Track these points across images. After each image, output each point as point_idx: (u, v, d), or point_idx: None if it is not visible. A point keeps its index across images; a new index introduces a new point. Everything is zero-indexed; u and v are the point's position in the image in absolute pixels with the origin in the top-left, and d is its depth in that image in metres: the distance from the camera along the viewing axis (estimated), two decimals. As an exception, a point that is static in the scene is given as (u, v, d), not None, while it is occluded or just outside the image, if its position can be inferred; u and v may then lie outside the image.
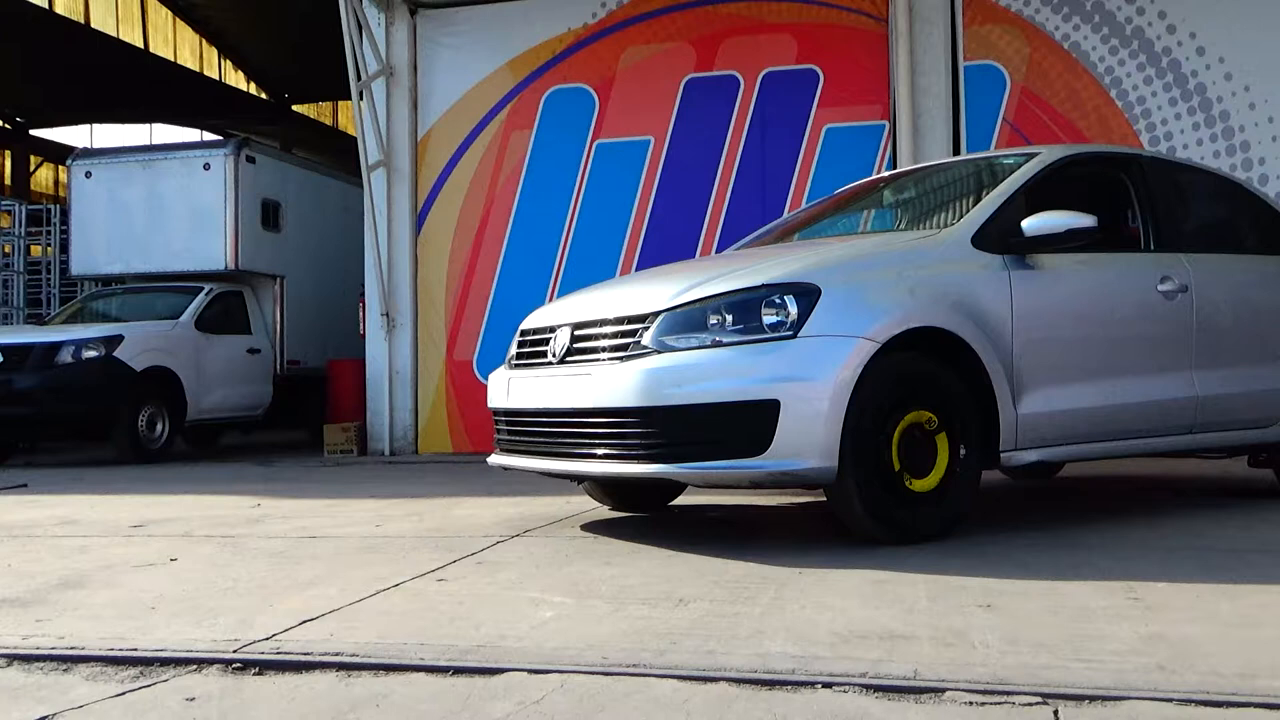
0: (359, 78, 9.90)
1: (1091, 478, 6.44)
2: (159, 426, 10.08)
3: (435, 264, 10.32)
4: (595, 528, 4.64)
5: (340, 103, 26.37)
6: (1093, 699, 2.16)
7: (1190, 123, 8.80)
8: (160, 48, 23.31)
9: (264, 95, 26.34)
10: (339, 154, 19.65)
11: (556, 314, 4.55)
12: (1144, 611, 2.85)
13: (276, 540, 4.55)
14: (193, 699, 2.34)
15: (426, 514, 5.33)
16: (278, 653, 2.63)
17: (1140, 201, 4.97)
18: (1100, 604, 2.95)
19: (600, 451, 4.02)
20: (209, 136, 22.59)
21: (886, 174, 7.26)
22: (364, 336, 10.48)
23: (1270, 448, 5.28)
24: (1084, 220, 4.26)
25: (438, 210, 10.35)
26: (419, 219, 10.39)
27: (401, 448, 10.21)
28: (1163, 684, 2.23)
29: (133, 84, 22.69)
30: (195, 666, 2.57)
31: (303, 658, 2.58)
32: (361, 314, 10.57)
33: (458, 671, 2.45)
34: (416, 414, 10.27)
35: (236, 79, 25.67)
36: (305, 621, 2.94)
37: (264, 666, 2.54)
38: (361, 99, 10.06)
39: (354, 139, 10.42)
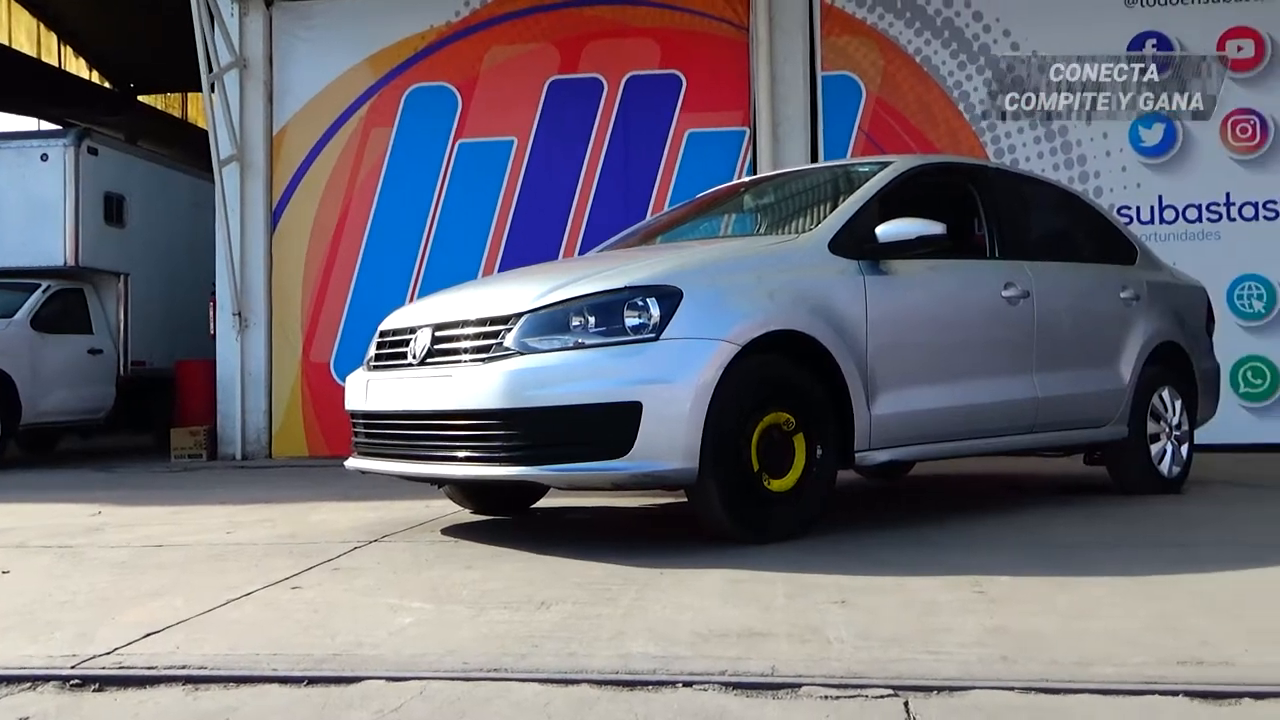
0: (210, 69, 9.57)
1: (941, 476, 6.68)
2: (-10, 431, 9.54)
3: (291, 262, 10.04)
4: (456, 532, 4.58)
5: (191, 94, 25.34)
6: (940, 690, 2.24)
7: (1032, 136, 9.26)
8: (-8, 31, 22.03)
9: (108, 84, 25.15)
10: (189, 147, 18.87)
11: (417, 314, 4.48)
12: (989, 605, 2.97)
13: (119, 549, 4.35)
14: (27, 718, 2.22)
15: (280, 520, 5.18)
16: (120, 667, 2.51)
17: (986, 210, 5.19)
18: (948, 598, 3.06)
19: (461, 454, 3.97)
20: (47, 125, 21.41)
21: (747, 179, 7.40)
22: (214, 337, 10.12)
23: (1103, 446, 5.56)
24: (934, 228, 4.41)
25: (294, 207, 10.08)
26: (274, 216, 10.09)
27: (254, 451, 9.90)
28: (1005, 674, 2.32)
29: (-38, 68, 21.36)
30: (30, 684, 2.44)
31: (147, 672, 2.47)
32: (212, 313, 10.20)
33: (312, 681, 2.39)
34: (270, 416, 9.97)
35: (77, 66, 24.41)
36: (150, 634, 2.82)
37: (105, 682, 2.43)
38: (213, 91, 9.72)
39: (205, 132, 10.06)
